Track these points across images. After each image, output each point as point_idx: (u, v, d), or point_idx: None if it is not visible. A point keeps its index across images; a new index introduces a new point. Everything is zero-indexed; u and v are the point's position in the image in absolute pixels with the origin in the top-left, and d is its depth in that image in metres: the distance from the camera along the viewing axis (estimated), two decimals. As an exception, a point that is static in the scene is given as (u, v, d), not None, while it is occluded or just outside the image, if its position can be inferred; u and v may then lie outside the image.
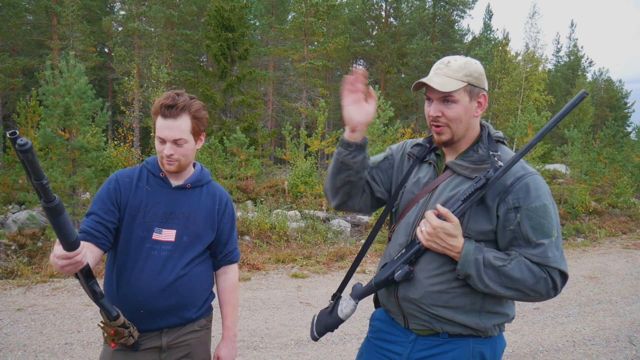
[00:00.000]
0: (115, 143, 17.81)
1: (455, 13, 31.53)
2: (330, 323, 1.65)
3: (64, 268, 1.34)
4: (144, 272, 1.68)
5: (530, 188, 1.41)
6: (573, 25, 54.46)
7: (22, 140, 0.99)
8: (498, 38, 32.38)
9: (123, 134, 20.45)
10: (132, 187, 1.75)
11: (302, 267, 6.86)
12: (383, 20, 32.76)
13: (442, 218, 1.40)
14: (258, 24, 28.86)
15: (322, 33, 23.92)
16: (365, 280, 1.66)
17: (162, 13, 23.33)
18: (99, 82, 28.55)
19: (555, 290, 1.41)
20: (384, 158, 1.72)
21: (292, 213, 9.48)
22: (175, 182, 1.80)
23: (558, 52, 43.96)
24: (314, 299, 5.43)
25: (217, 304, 1.95)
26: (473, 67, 1.48)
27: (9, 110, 23.60)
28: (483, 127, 1.56)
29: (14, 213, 8.52)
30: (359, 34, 32.89)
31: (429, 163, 1.62)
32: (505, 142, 1.59)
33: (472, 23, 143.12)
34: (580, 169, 13.09)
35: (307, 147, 13.72)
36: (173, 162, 1.70)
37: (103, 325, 1.57)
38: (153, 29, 24.50)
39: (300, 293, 5.68)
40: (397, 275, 1.48)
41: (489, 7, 33.27)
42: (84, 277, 1.42)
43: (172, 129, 1.66)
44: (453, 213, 1.40)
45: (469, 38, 35.76)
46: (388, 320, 1.66)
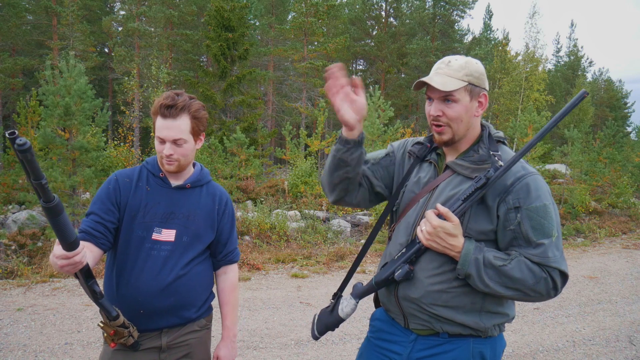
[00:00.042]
0: (115, 143, 17.81)
1: (455, 13, 31.52)
2: (331, 322, 1.65)
3: (64, 268, 1.34)
4: (144, 272, 1.68)
5: (531, 188, 1.41)
6: (573, 25, 54.62)
7: (21, 140, 0.99)
8: (498, 38, 32.41)
9: (123, 134, 20.45)
10: (131, 187, 1.75)
11: (302, 267, 6.86)
12: (383, 20, 32.75)
13: (442, 217, 1.40)
14: (258, 24, 28.86)
15: (322, 33, 23.92)
16: (366, 280, 1.66)
17: (162, 13, 23.33)
18: (99, 82, 28.56)
19: (556, 290, 1.41)
20: (385, 155, 1.72)
21: (292, 213, 9.48)
22: (175, 182, 1.80)
23: (558, 52, 44.01)
24: (314, 299, 5.43)
25: (217, 304, 1.95)
26: (474, 66, 1.48)
27: (9, 110, 23.60)
28: (484, 127, 1.56)
29: (14, 213, 8.52)
30: (359, 34, 32.89)
31: (430, 162, 1.62)
32: (506, 142, 1.59)
33: (472, 23, 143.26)
34: (580, 169, 13.09)
35: (307, 147, 13.72)
36: (173, 162, 1.70)
37: (103, 325, 1.57)
38: (153, 29, 24.50)
39: (300, 293, 5.68)
40: (397, 275, 1.48)
41: (489, 7, 33.30)
42: (84, 277, 1.42)
43: (171, 129, 1.66)
44: (453, 212, 1.40)
45: (469, 38, 35.77)
46: (388, 320, 1.66)
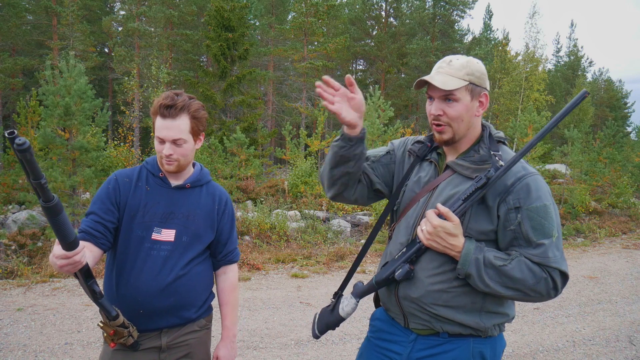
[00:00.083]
0: (115, 143, 17.81)
1: (455, 13, 31.52)
2: (332, 321, 1.66)
3: (63, 268, 1.34)
4: (143, 272, 1.68)
5: (531, 188, 1.41)
6: (573, 25, 54.66)
7: (20, 140, 0.99)
8: (498, 38, 32.41)
9: (123, 134, 20.45)
10: (131, 186, 1.75)
11: (302, 267, 6.86)
12: (383, 20, 32.76)
13: (442, 217, 1.40)
14: (258, 24, 28.85)
15: (322, 33, 23.93)
16: (366, 280, 1.66)
17: (162, 13, 23.33)
18: (99, 82, 28.56)
19: (556, 291, 1.41)
20: (386, 152, 1.72)
21: (292, 213, 9.47)
22: (175, 182, 1.80)
23: (558, 52, 44.02)
24: (314, 299, 5.42)
25: (217, 304, 1.95)
26: (475, 66, 1.48)
27: (9, 110, 23.60)
28: (484, 127, 1.56)
29: (14, 213, 8.52)
30: (359, 34, 32.89)
31: (430, 161, 1.62)
32: (506, 142, 1.59)
33: (472, 23, 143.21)
34: (580, 169, 13.09)
35: (307, 147, 13.73)
36: (172, 162, 1.70)
37: (102, 325, 1.57)
38: (153, 29, 24.50)
39: (300, 293, 5.68)
40: (397, 274, 1.48)
41: (489, 7, 33.30)
42: (83, 276, 1.42)
43: (171, 129, 1.66)
44: (454, 212, 1.40)
45: (469, 38, 35.79)
46: (388, 320, 1.66)
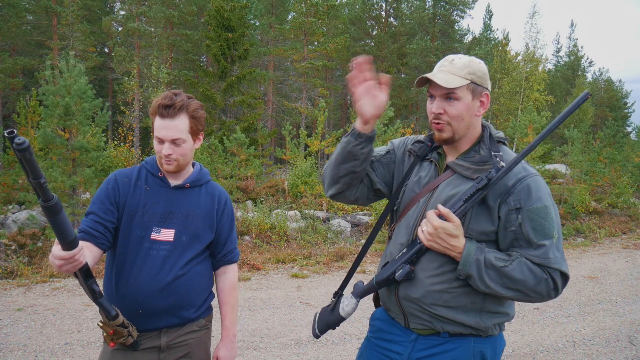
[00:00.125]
0: (115, 143, 17.82)
1: (455, 13, 31.52)
2: (332, 321, 1.66)
3: (63, 267, 1.34)
4: (143, 271, 1.68)
5: (532, 189, 1.41)
6: (573, 25, 54.68)
7: (19, 140, 0.99)
8: (498, 38, 32.37)
9: (123, 134, 20.45)
10: (130, 186, 1.74)
11: (302, 267, 6.86)
12: (383, 20, 32.77)
13: (443, 218, 1.40)
14: (258, 24, 28.85)
15: (322, 33, 23.91)
16: (366, 280, 1.66)
17: (162, 13, 23.33)
18: (99, 82, 28.56)
19: (556, 291, 1.41)
20: (386, 152, 1.72)
21: (292, 213, 9.47)
22: (174, 181, 1.80)
23: (558, 52, 44.01)
24: (314, 299, 5.42)
25: (217, 304, 1.95)
26: (477, 65, 1.48)
27: (9, 110, 23.60)
28: (484, 127, 1.56)
29: (14, 213, 8.52)
30: (359, 34, 32.90)
31: (430, 161, 1.61)
32: (507, 142, 1.59)
33: (472, 23, 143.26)
34: (580, 169, 13.09)
35: (307, 147, 13.71)
36: (172, 161, 1.70)
37: (102, 325, 1.57)
38: (153, 29, 24.49)
39: (300, 293, 5.68)
40: (398, 275, 1.48)
41: (489, 7, 33.24)
42: (83, 276, 1.42)
43: (170, 129, 1.66)
44: (454, 213, 1.40)
45: (469, 38, 35.77)
46: (388, 320, 1.65)
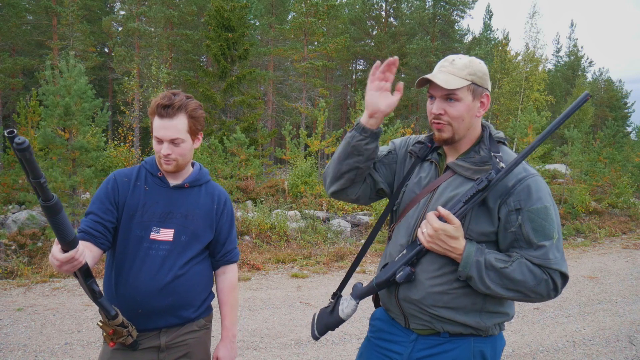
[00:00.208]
0: (115, 143, 17.82)
1: (455, 13, 31.51)
2: (331, 322, 1.65)
3: (62, 267, 1.34)
4: (142, 271, 1.68)
5: (532, 190, 1.40)
6: (573, 25, 54.71)
7: (19, 139, 0.99)
8: (498, 38, 32.36)
9: (123, 134, 20.46)
10: (130, 186, 1.74)
11: (302, 267, 6.86)
12: (383, 20, 32.77)
13: (443, 219, 1.40)
14: (258, 24, 28.84)
15: (322, 33, 23.90)
16: (365, 280, 1.66)
17: (162, 13, 23.32)
18: (99, 82, 28.56)
19: (556, 292, 1.41)
20: (388, 152, 1.71)
21: (292, 213, 9.47)
22: (174, 181, 1.79)
23: (558, 52, 44.01)
24: (314, 299, 5.42)
25: (216, 304, 1.95)
26: (477, 66, 1.48)
27: (9, 110, 23.59)
28: (484, 127, 1.55)
29: (14, 213, 8.52)
30: (359, 34, 32.90)
31: (431, 162, 1.61)
32: (507, 143, 1.58)
33: (472, 23, 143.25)
34: (580, 169, 13.08)
35: (307, 147, 13.71)
36: (171, 161, 1.70)
37: (102, 325, 1.57)
38: (153, 29, 24.49)
39: (300, 293, 5.68)
40: (398, 277, 1.48)
41: (489, 7, 33.23)
42: (83, 276, 1.42)
43: (168, 129, 1.66)
44: (454, 215, 1.40)
45: (469, 38, 35.76)
46: (388, 320, 1.65)
